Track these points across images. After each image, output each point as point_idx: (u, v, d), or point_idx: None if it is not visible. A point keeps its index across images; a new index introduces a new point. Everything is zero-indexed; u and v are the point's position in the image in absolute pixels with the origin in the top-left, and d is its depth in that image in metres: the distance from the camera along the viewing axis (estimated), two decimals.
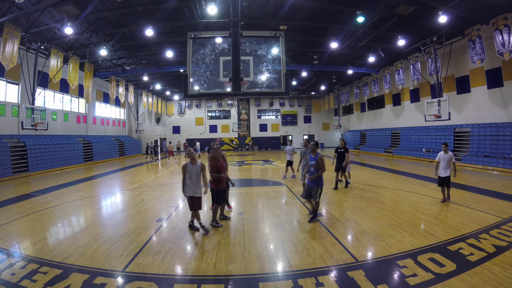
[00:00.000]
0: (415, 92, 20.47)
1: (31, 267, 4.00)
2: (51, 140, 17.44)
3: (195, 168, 5.31)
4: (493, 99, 14.29)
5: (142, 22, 13.58)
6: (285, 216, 6.43)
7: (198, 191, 5.31)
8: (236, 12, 6.85)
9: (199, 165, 5.35)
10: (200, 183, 5.37)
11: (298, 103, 38.59)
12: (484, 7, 12.08)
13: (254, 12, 13.18)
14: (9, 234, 5.52)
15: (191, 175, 5.27)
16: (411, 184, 10.14)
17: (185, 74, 7.12)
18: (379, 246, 4.56)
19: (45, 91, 16.98)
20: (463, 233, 4.96)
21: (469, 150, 15.33)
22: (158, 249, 4.61)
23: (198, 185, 5.32)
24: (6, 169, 13.50)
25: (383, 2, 12.06)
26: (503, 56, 12.03)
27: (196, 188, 5.28)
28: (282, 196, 8.53)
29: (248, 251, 4.47)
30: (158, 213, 6.86)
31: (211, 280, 3.62)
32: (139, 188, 10.46)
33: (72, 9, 11.76)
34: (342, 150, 9.28)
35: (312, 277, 3.60)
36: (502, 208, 6.49)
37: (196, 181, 5.29)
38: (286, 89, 7.25)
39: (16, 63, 13.12)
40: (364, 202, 7.59)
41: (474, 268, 3.70)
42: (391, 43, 16.41)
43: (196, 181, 5.30)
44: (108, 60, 19.51)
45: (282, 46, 7.24)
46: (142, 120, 31.30)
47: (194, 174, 5.28)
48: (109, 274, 3.80)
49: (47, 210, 7.34)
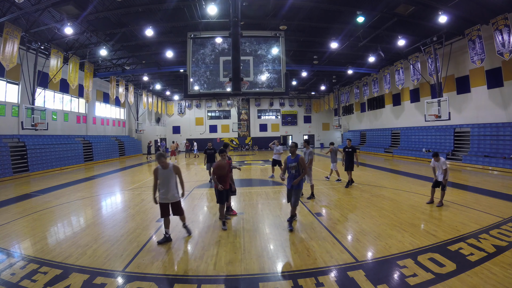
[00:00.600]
0: (415, 92, 20.47)
1: (31, 267, 4.00)
2: (51, 140, 17.44)
3: (166, 172, 4.81)
4: (493, 99, 14.29)
5: (142, 22, 13.58)
6: (285, 216, 6.42)
7: (171, 196, 4.85)
8: (236, 12, 6.84)
9: (171, 169, 4.84)
10: (174, 188, 4.89)
11: (298, 103, 38.58)
12: (484, 7, 12.08)
13: (254, 12, 13.18)
14: (9, 234, 5.52)
15: (163, 180, 4.81)
16: (411, 184, 10.14)
17: (185, 74, 7.11)
18: (379, 246, 4.56)
19: (45, 91, 16.98)
20: (463, 233, 4.96)
21: (469, 150, 15.33)
22: (158, 249, 4.61)
23: (171, 191, 4.85)
24: (6, 169, 13.50)
25: (383, 2, 12.06)
26: (503, 56, 12.03)
27: (167, 194, 4.82)
28: (282, 196, 8.53)
29: (248, 251, 4.47)
30: (158, 213, 6.79)
31: (211, 280, 3.62)
32: (139, 188, 10.46)
33: (72, 9, 11.77)
34: (350, 149, 9.56)
35: (312, 277, 3.60)
36: (502, 208, 6.49)
37: (168, 186, 4.81)
38: (286, 89, 7.24)
39: (16, 63, 13.12)
40: (364, 202, 7.58)
41: (474, 268, 3.70)
42: (391, 43, 16.41)
43: (168, 186, 4.82)
44: (108, 60, 19.51)
45: (282, 46, 7.23)
46: (142, 120, 31.30)
47: (166, 179, 4.81)
48: (109, 274, 3.80)
49: (47, 210, 7.33)
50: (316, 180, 10.72)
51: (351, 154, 9.57)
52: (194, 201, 8.20)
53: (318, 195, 8.52)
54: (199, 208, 7.49)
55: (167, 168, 4.81)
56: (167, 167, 4.81)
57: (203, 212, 7.03)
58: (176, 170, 4.89)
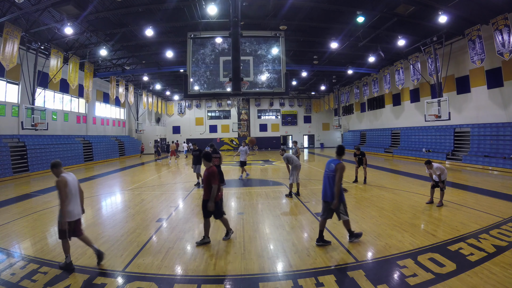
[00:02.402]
0: (415, 92, 20.46)
1: (31, 267, 4.00)
2: (51, 140, 17.44)
3: (74, 182, 4.16)
4: (493, 99, 14.29)
5: (142, 22, 13.58)
6: (285, 216, 6.43)
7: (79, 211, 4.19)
8: (236, 12, 6.84)
9: (75, 178, 4.27)
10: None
11: (298, 103, 38.58)
12: (484, 7, 12.08)
13: (254, 12, 13.18)
14: (9, 234, 5.52)
15: (71, 191, 4.01)
16: (411, 184, 10.15)
17: (185, 74, 7.12)
18: (379, 246, 4.56)
19: (45, 91, 16.97)
20: (463, 233, 4.96)
21: (469, 150, 15.33)
22: (158, 249, 4.61)
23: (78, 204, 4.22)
24: (6, 169, 13.50)
25: (383, 2, 12.06)
26: (503, 56, 12.03)
27: (79, 207, 4.19)
28: (282, 196, 8.53)
29: (248, 251, 4.47)
30: (158, 213, 6.86)
31: (211, 280, 3.62)
32: (139, 188, 10.46)
33: (72, 9, 11.76)
34: (360, 156, 10.23)
35: (312, 277, 3.60)
36: (502, 208, 6.49)
37: (77, 198, 4.17)
38: (286, 89, 7.25)
39: (16, 63, 13.12)
40: (364, 202, 7.58)
41: (474, 268, 3.70)
42: (391, 43, 16.41)
43: (77, 198, 4.19)
44: (108, 60, 19.51)
45: (282, 46, 7.23)
46: (142, 120, 31.30)
47: (74, 190, 4.11)
48: (109, 274, 3.80)
49: (47, 210, 7.33)
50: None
51: (360, 159, 10.23)
52: (194, 201, 8.20)
53: (318, 195, 8.51)
54: (199, 208, 7.48)
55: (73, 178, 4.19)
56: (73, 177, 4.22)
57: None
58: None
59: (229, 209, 7.29)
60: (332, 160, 4.68)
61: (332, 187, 4.45)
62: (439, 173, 6.77)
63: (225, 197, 8.62)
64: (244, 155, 12.06)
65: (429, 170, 6.94)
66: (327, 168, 4.64)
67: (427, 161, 6.89)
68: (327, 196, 4.56)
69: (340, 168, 4.44)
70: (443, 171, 6.85)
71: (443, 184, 6.83)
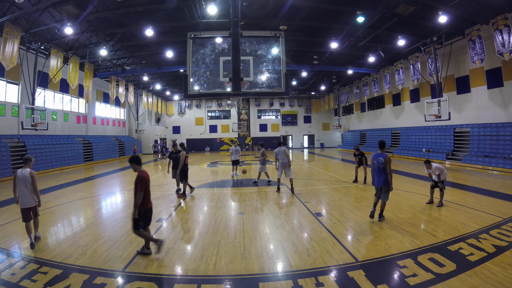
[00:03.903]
0: (415, 92, 20.47)
1: (31, 267, 4.00)
2: (51, 140, 17.43)
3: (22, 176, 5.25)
4: (493, 99, 14.29)
5: (142, 22, 13.58)
6: (285, 216, 6.43)
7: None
8: (236, 12, 6.84)
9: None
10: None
11: (298, 103, 38.58)
12: (484, 7, 12.08)
13: (254, 12, 13.18)
14: (9, 234, 5.53)
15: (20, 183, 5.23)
16: (411, 184, 10.15)
17: (185, 74, 7.11)
18: (379, 246, 4.56)
19: (45, 91, 16.98)
20: (463, 233, 4.96)
21: (469, 150, 15.32)
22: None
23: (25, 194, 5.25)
24: (6, 169, 13.50)
25: (383, 2, 12.06)
26: (503, 56, 12.03)
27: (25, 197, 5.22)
28: (282, 196, 8.53)
29: (248, 251, 4.47)
30: (158, 213, 6.85)
31: (211, 280, 3.62)
32: None
33: (72, 9, 11.76)
34: (359, 156, 10.30)
35: (312, 277, 3.60)
36: (502, 208, 6.49)
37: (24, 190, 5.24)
38: (286, 89, 7.24)
39: (16, 63, 13.11)
40: (364, 202, 7.58)
41: (474, 268, 3.70)
42: (391, 43, 16.41)
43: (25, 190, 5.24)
44: (108, 60, 19.50)
45: (282, 46, 7.23)
46: (142, 120, 31.31)
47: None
48: (109, 274, 3.80)
49: (47, 210, 7.33)
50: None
51: (360, 160, 10.31)
52: (194, 201, 8.20)
53: (318, 195, 8.53)
54: (199, 208, 7.49)
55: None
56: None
57: (203, 212, 7.03)
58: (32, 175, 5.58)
59: (229, 209, 7.30)
60: (378, 154, 5.69)
61: (384, 175, 5.56)
62: (438, 173, 6.78)
63: (224, 197, 8.63)
64: (236, 154, 12.63)
65: (428, 170, 6.95)
66: (376, 161, 5.68)
67: (426, 161, 6.89)
68: (378, 182, 5.70)
69: (389, 160, 5.54)
70: (442, 171, 6.85)
71: (442, 184, 6.83)
